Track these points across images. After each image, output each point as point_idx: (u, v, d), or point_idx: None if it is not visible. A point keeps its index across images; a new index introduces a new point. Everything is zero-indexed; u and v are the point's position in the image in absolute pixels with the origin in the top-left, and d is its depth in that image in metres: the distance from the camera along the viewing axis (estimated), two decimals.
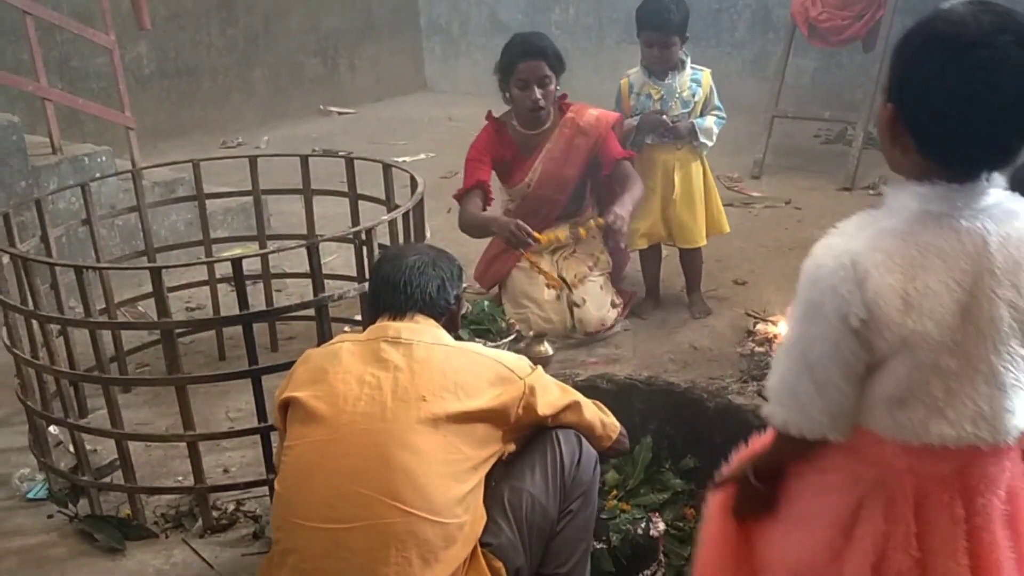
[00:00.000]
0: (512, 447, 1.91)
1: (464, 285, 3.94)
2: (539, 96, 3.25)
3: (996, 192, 1.34)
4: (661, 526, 2.65)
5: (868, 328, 1.31)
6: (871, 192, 5.29)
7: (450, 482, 1.73)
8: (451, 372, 1.80)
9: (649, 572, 2.57)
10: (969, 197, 1.32)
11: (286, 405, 1.88)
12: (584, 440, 2.02)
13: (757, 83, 6.16)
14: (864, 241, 1.34)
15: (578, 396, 2.04)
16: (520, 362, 1.92)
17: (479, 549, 1.79)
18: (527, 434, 1.95)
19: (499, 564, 1.80)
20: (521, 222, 3.20)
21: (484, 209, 3.41)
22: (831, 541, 1.46)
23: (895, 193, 1.38)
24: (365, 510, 1.69)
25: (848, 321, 1.31)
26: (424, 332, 1.87)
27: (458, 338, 2.11)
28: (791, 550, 1.52)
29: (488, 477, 1.87)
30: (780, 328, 3.47)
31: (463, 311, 2.19)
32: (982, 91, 1.23)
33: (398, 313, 1.90)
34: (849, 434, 1.41)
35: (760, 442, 1.61)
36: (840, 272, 1.32)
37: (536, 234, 3.18)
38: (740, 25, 6.98)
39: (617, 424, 2.15)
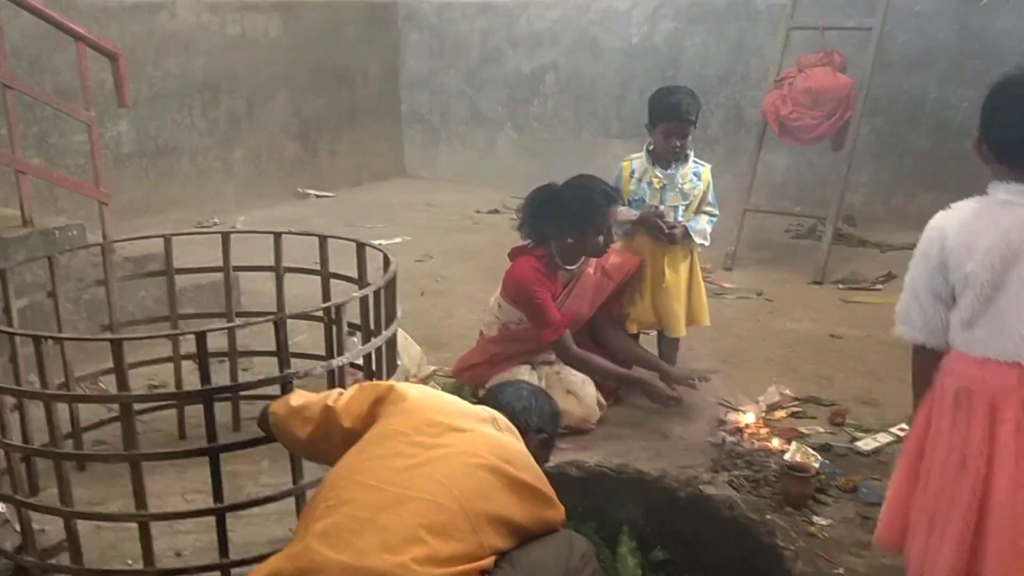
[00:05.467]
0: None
1: (433, 368, 3.93)
2: (614, 237, 3.36)
3: None
4: None
5: (946, 268, 2.01)
6: (840, 287, 5.35)
7: (496, 521, 1.94)
8: (527, 463, 2.09)
9: None
10: None
11: (382, 396, 2.13)
12: (593, 547, 2.22)
13: (730, 178, 6.29)
14: (955, 214, 2.04)
15: None
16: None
17: None
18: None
19: None
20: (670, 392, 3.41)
21: None
22: (933, 422, 2.09)
23: (990, 189, 2.02)
24: (434, 491, 1.88)
25: (935, 263, 2.02)
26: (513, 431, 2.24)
27: None
28: (916, 424, 2.17)
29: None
30: (750, 418, 3.45)
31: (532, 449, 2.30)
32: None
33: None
34: (942, 345, 2.08)
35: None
36: (935, 232, 2.05)
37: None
38: (713, 122, 7.18)
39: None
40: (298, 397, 2.28)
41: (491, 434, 2.11)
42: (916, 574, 2.12)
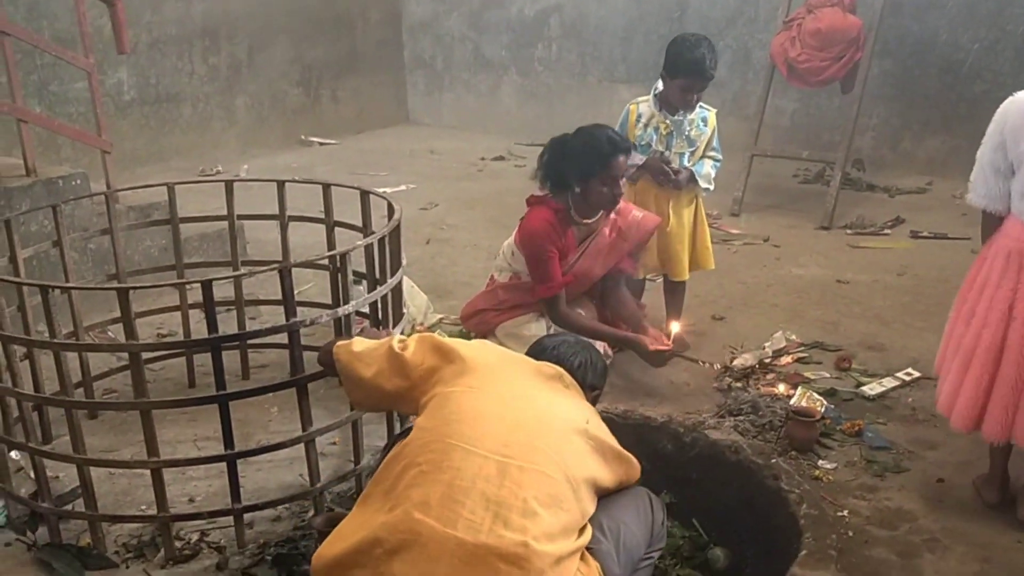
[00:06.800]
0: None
1: (440, 316, 3.93)
2: (622, 189, 3.23)
3: None
4: None
5: (1005, 147, 2.41)
6: (848, 232, 5.33)
7: (590, 486, 1.93)
8: (601, 424, 2.08)
9: None
10: None
11: (443, 351, 2.06)
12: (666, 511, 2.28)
13: (737, 122, 6.23)
14: (1017, 101, 2.40)
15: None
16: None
17: (587, 553, 1.90)
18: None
19: (598, 565, 1.88)
20: (664, 345, 3.21)
21: None
22: (982, 271, 2.53)
23: None
24: (539, 460, 1.84)
25: (997, 141, 2.42)
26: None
27: None
28: (969, 274, 2.62)
29: None
30: (747, 359, 3.47)
31: None
32: None
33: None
34: (1001, 210, 2.49)
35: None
36: (1000, 116, 2.44)
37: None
38: (721, 65, 7.04)
39: None
40: (359, 343, 2.21)
41: (567, 394, 2.07)
42: (945, 401, 2.58)
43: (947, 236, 5.12)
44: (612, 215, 3.31)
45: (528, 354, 2.29)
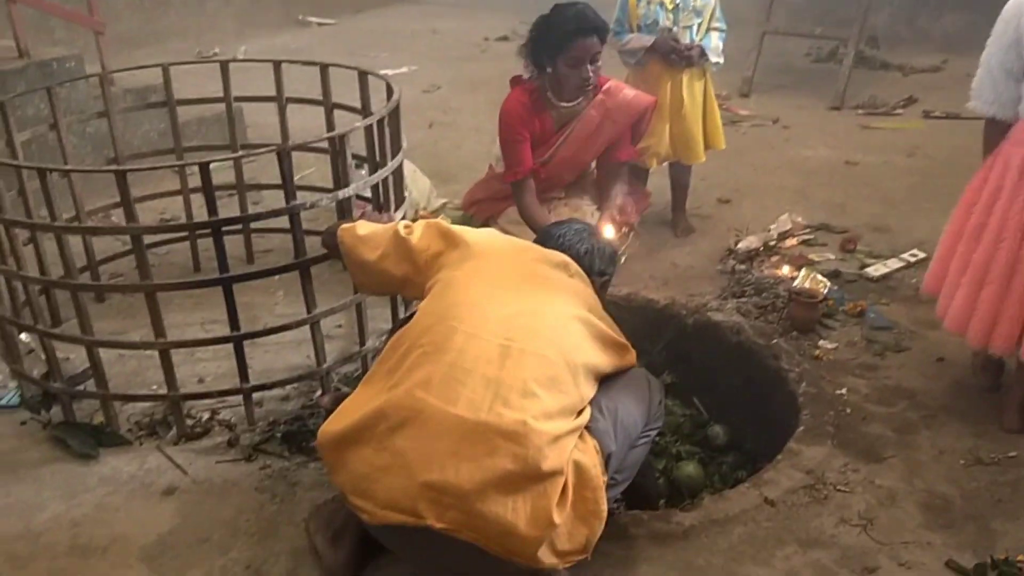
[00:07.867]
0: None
1: (443, 201, 3.91)
2: (591, 74, 3.04)
3: None
4: None
5: (1020, 45, 2.26)
6: (860, 112, 5.22)
7: (589, 371, 1.95)
8: (603, 312, 2.09)
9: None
10: None
11: (449, 236, 2.06)
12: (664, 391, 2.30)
13: None
14: None
15: None
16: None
17: (585, 431, 1.93)
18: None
19: (595, 442, 1.92)
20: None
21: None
22: (990, 182, 2.39)
23: None
24: (539, 344, 1.86)
25: (1010, 40, 2.27)
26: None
27: None
28: (971, 185, 2.48)
29: None
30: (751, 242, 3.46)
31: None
32: None
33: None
34: (1011, 117, 2.35)
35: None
36: (1011, 13, 2.28)
37: None
38: None
39: None
40: (364, 227, 2.19)
41: (571, 282, 2.08)
42: (956, 319, 2.45)
43: (960, 116, 5.00)
44: (600, 96, 3.17)
45: (536, 242, 2.27)
